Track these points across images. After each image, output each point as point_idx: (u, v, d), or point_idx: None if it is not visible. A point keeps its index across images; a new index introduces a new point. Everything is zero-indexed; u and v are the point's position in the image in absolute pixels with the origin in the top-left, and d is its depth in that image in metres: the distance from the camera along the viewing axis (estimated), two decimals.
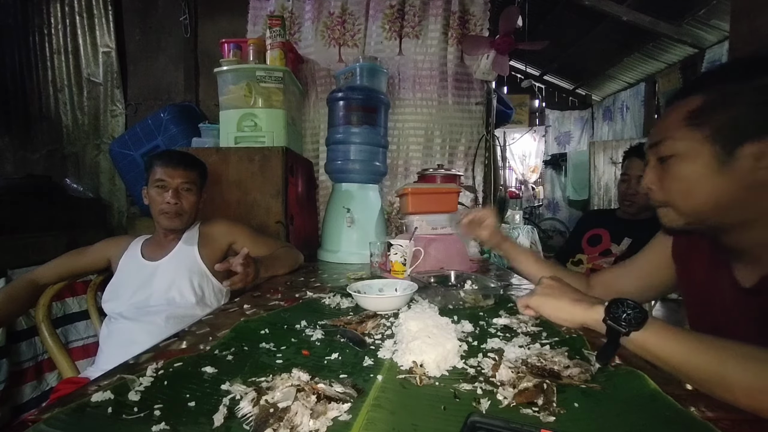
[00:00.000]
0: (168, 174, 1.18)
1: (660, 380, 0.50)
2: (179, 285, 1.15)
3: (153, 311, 1.10)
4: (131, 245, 1.24)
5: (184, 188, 1.20)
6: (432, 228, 1.35)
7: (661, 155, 0.62)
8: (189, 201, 1.21)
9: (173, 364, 0.56)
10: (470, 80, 2.10)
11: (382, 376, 0.55)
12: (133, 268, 1.19)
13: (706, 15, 3.34)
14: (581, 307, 0.62)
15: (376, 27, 2.06)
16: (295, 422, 0.41)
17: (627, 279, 0.89)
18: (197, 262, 1.20)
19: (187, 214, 1.21)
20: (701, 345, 0.50)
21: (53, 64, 2.57)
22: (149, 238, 1.27)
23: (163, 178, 1.18)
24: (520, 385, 0.49)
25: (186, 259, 1.20)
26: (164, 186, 1.18)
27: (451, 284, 1.06)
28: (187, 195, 1.21)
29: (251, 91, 1.59)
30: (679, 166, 0.60)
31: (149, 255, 1.21)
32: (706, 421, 0.42)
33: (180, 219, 1.20)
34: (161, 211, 1.18)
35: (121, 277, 1.18)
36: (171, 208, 1.18)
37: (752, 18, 1.36)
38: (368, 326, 0.74)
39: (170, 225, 1.19)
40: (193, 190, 1.22)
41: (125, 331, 1.06)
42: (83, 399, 0.46)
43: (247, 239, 1.29)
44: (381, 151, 1.72)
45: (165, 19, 2.47)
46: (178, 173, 1.19)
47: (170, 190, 1.17)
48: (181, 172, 1.19)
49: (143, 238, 1.27)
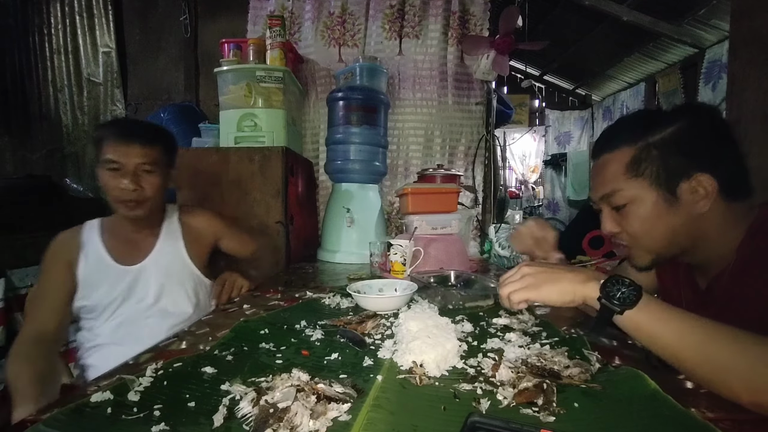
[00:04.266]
0: (121, 153, 0.93)
1: (660, 380, 0.50)
2: (171, 293, 1.00)
3: (146, 330, 0.93)
4: (85, 243, 0.99)
5: (144, 170, 0.95)
6: (432, 228, 1.35)
7: (616, 204, 0.69)
8: (152, 184, 0.97)
9: (173, 365, 0.56)
10: (470, 80, 2.10)
11: (382, 376, 0.54)
12: (104, 275, 0.96)
13: (706, 15, 3.33)
14: (578, 283, 0.60)
15: (376, 27, 2.06)
16: (295, 422, 0.41)
17: None
18: (187, 264, 1.05)
19: (150, 200, 0.98)
20: (693, 325, 0.52)
21: (53, 64, 2.57)
22: (108, 228, 1.02)
23: (115, 159, 0.92)
24: (520, 385, 0.49)
25: (174, 262, 1.03)
26: (117, 168, 0.93)
27: (451, 284, 1.06)
28: (148, 178, 0.96)
29: (251, 91, 1.59)
30: (635, 211, 0.67)
31: (121, 256, 1.00)
32: (706, 422, 0.42)
33: (142, 207, 0.98)
34: (117, 199, 0.95)
35: (88, 292, 0.95)
36: (129, 195, 0.94)
37: (752, 18, 1.36)
38: (368, 326, 0.74)
39: (131, 214, 0.97)
40: (156, 171, 0.98)
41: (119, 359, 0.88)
42: (82, 399, 0.46)
43: (233, 239, 1.16)
44: (381, 151, 1.71)
45: (165, 19, 2.47)
46: (134, 151, 0.94)
47: (127, 173, 0.93)
48: (138, 149, 0.94)
49: (95, 228, 1.02)
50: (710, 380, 0.49)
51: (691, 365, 0.51)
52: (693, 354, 0.50)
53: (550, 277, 0.63)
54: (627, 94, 5.12)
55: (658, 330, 0.53)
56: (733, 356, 0.48)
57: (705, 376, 0.50)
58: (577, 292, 0.60)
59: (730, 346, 0.49)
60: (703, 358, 0.49)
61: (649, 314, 0.54)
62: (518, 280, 0.65)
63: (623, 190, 0.67)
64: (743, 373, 0.46)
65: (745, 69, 1.38)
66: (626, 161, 0.66)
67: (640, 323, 0.54)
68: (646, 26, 3.55)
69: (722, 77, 3.28)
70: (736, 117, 1.41)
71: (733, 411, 0.46)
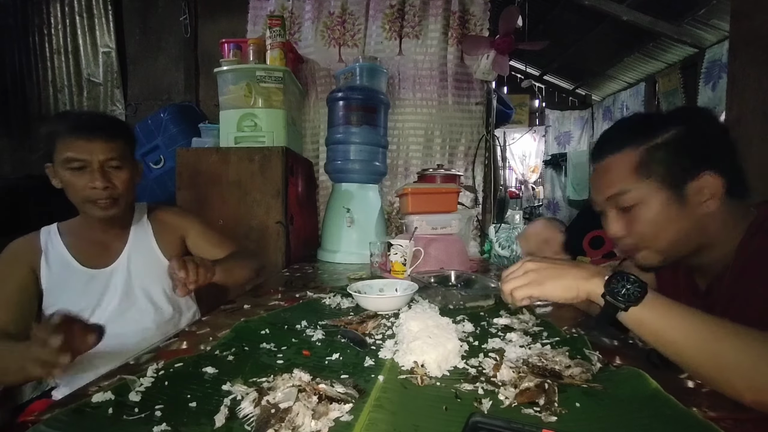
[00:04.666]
0: (83, 150, 0.85)
1: (661, 380, 0.50)
2: (150, 295, 0.94)
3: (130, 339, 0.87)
4: (45, 248, 0.91)
5: (112, 166, 0.89)
6: (432, 228, 1.35)
7: (623, 206, 0.68)
8: (123, 180, 0.91)
9: (174, 365, 0.56)
10: (470, 80, 2.10)
11: (384, 376, 0.54)
12: (71, 281, 0.90)
13: (706, 15, 3.33)
14: (583, 279, 0.60)
15: (376, 27, 2.06)
16: (297, 423, 0.41)
17: None
18: (161, 261, 0.98)
19: (124, 197, 0.93)
20: (698, 322, 0.51)
21: (53, 64, 2.57)
22: (70, 231, 0.96)
23: (78, 157, 0.85)
24: (521, 385, 0.49)
25: (148, 260, 0.97)
26: (82, 167, 0.86)
27: (452, 284, 1.06)
28: (118, 174, 0.90)
29: (251, 91, 1.59)
30: (644, 212, 0.66)
31: (88, 259, 0.93)
32: (708, 421, 0.42)
33: (117, 206, 0.91)
34: (87, 199, 0.88)
35: (54, 299, 0.88)
36: (101, 194, 0.87)
37: (752, 18, 1.36)
38: (369, 326, 0.74)
39: (105, 214, 0.90)
40: (124, 166, 0.91)
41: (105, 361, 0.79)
42: (83, 400, 0.46)
43: (198, 236, 1.08)
44: (381, 151, 1.71)
45: (165, 19, 2.46)
46: (97, 147, 0.86)
47: (93, 171, 0.86)
48: (101, 144, 0.87)
49: (53, 232, 0.95)
50: (713, 378, 0.49)
51: (694, 363, 0.51)
52: (697, 352, 0.50)
53: (553, 273, 0.62)
54: (627, 94, 5.12)
55: (662, 327, 0.53)
56: (736, 354, 0.48)
57: (708, 373, 0.50)
58: (581, 288, 0.59)
59: (734, 343, 0.49)
60: (706, 355, 0.49)
61: (653, 311, 0.53)
62: (521, 276, 0.63)
63: (631, 191, 0.66)
64: (746, 372, 0.47)
65: (745, 69, 1.38)
66: (633, 162, 0.66)
67: (644, 320, 0.54)
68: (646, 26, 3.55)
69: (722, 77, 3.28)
70: (736, 117, 1.41)
71: (735, 410, 0.46)
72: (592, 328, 0.54)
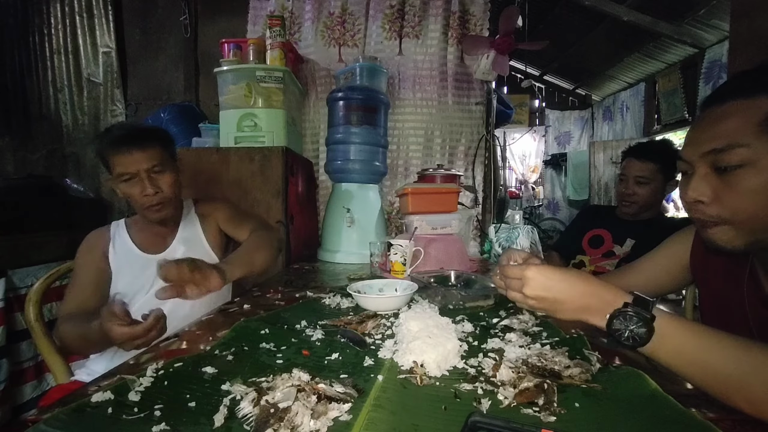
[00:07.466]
0: (127, 163, 0.97)
1: (661, 380, 0.50)
2: None
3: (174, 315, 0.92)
4: (115, 234, 1.07)
5: (155, 172, 1.00)
6: (432, 228, 1.35)
7: (726, 164, 0.54)
8: (168, 183, 1.02)
9: (173, 365, 0.56)
10: (470, 80, 2.10)
11: (383, 376, 0.54)
12: (131, 264, 1.04)
13: (706, 15, 3.34)
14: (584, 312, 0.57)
15: (376, 27, 2.06)
16: (296, 422, 0.41)
17: (635, 282, 0.85)
18: (207, 251, 1.10)
19: (174, 197, 1.05)
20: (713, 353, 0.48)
21: (53, 64, 2.57)
22: (134, 221, 1.11)
23: (126, 171, 0.97)
24: (520, 385, 0.49)
25: (196, 248, 1.09)
26: (131, 178, 0.98)
27: (451, 284, 1.06)
28: (162, 177, 1.01)
29: (251, 91, 1.59)
30: (750, 177, 0.53)
31: (146, 246, 1.06)
32: (707, 421, 0.42)
33: (168, 207, 1.04)
34: (144, 206, 1.01)
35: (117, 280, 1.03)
36: (152, 200, 1.00)
37: (752, 18, 1.36)
38: (368, 326, 0.74)
39: (161, 216, 1.04)
40: (166, 169, 1.02)
41: None
42: (83, 399, 0.46)
43: (225, 221, 1.16)
44: (381, 151, 1.72)
45: (165, 19, 2.47)
46: (137, 157, 0.97)
47: (142, 180, 0.98)
48: (139, 155, 0.97)
49: (121, 225, 1.10)
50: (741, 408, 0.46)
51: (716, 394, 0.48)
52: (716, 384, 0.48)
53: (552, 307, 0.59)
54: (627, 94, 5.13)
55: (675, 365, 0.51)
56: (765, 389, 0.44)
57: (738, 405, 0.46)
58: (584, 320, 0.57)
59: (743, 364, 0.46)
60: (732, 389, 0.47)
61: (661, 348, 0.51)
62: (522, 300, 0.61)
63: (746, 147, 0.52)
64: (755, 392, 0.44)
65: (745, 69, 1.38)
66: (763, 114, 0.52)
67: (655, 356, 0.52)
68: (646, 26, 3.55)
69: (722, 77, 3.29)
70: None
71: (733, 411, 0.46)
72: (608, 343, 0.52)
